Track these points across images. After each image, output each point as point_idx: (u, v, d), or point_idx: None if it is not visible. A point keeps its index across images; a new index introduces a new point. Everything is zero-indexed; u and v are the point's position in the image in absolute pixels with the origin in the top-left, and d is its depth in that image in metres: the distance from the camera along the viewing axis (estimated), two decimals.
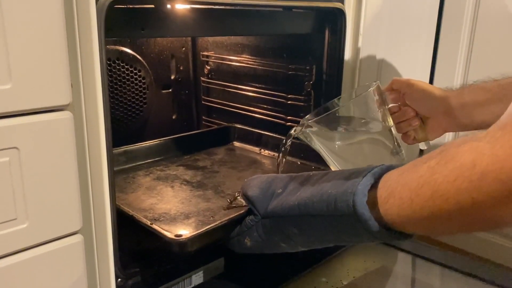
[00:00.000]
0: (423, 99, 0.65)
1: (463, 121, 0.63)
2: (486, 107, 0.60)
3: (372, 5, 0.82)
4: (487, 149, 0.32)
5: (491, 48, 0.94)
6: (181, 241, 0.54)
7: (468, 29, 0.97)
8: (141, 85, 0.96)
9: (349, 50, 0.81)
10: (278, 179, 0.55)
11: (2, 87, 0.40)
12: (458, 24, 0.99)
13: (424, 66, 1.02)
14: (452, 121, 0.64)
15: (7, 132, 0.41)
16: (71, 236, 0.47)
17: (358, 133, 0.62)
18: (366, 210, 0.41)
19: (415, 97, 0.65)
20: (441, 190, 0.35)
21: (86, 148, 0.48)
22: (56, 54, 0.42)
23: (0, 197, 0.41)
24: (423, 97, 0.65)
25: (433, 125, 0.66)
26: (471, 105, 0.62)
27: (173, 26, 0.58)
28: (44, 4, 0.41)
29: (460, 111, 0.63)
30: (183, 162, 0.88)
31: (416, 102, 0.65)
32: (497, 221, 0.33)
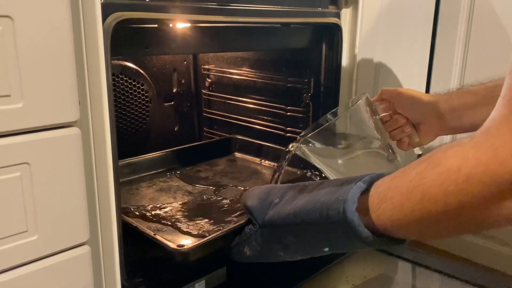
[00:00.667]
0: (412, 106, 0.67)
1: (453, 124, 0.65)
2: (475, 110, 0.62)
3: (367, 19, 0.84)
4: (471, 154, 0.34)
5: (485, 57, 0.96)
6: (183, 251, 0.56)
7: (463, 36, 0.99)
8: (144, 99, 0.99)
9: (346, 61, 0.84)
10: (275, 189, 0.57)
11: (14, 106, 0.42)
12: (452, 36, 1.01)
13: (420, 73, 1.04)
14: (443, 124, 0.66)
15: (19, 148, 0.43)
16: (78, 247, 0.49)
17: (354, 148, 0.64)
18: (356, 216, 0.43)
19: (404, 104, 0.68)
20: (430, 193, 0.37)
21: (93, 162, 0.50)
22: (65, 74, 0.45)
23: (12, 210, 0.43)
24: (412, 104, 0.67)
25: (425, 129, 0.68)
26: (460, 109, 0.64)
27: (175, 44, 0.60)
28: (54, 26, 0.43)
29: (450, 115, 0.65)
30: (185, 173, 0.89)
31: (406, 109, 0.68)
32: (483, 222, 0.35)
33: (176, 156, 0.93)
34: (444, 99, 0.66)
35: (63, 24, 0.44)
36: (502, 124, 0.33)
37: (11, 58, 0.41)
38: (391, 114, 0.69)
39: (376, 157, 0.64)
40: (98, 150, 0.49)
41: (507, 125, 0.32)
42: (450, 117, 0.65)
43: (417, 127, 0.69)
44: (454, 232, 0.39)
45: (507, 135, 0.32)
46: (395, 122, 0.68)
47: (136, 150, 0.90)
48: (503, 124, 0.33)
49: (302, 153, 0.62)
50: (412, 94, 0.68)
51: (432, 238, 0.40)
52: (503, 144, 0.32)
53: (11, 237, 0.43)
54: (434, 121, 0.66)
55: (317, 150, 0.61)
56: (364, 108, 0.64)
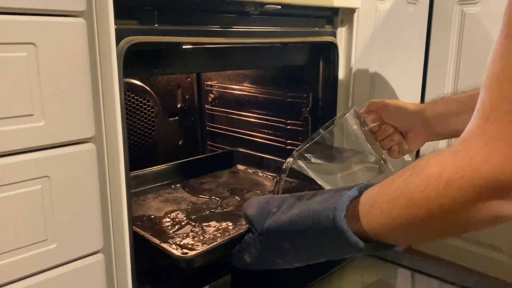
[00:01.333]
0: (399, 115, 0.71)
1: (439, 130, 0.69)
2: (458, 117, 0.66)
3: (362, 36, 0.88)
4: (450, 161, 0.38)
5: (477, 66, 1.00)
6: (188, 258, 0.59)
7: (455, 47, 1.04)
8: (150, 114, 1.03)
9: (342, 75, 0.88)
10: (274, 199, 0.60)
11: (37, 124, 0.46)
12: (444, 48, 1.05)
13: (415, 85, 1.08)
14: (430, 131, 0.69)
15: (40, 163, 0.46)
16: (93, 255, 0.52)
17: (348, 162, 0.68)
18: (344, 223, 0.46)
19: (392, 114, 0.71)
20: (414, 198, 0.40)
21: (106, 175, 0.53)
22: (82, 95, 0.49)
23: (33, 220, 0.47)
24: (399, 113, 0.71)
25: (413, 137, 0.71)
26: (445, 115, 0.67)
27: (182, 64, 0.65)
28: (72, 51, 0.47)
29: (436, 121, 0.68)
30: (189, 185, 0.93)
31: (394, 119, 0.71)
32: (464, 224, 0.39)
33: (180, 169, 0.96)
34: (430, 107, 0.69)
35: (81, 49, 0.48)
36: (476, 134, 0.36)
37: (34, 81, 0.45)
38: (379, 125, 0.73)
39: (371, 172, 0.67)
40: (111, 163, 0.53)
41: (480, 136, 0.36)
42: (436, 124, 0.68)
43: (405, 135, 0.72)
44: (439, 235, 0.43)
45: (480, 144, 0.35)
46: (383, 131, 0.72)
47: (143, 163, 0.94)
48: (477, 134, 0.36)
49: (298, 167, 0.65)
50: (398, 104, 0.72)
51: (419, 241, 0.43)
52: (477, 152, 0.35)
53: (32, 245, 0.47)
54: (421, 128, 0.70)
55: (313, 164, 0.65)
56: (352, 121, 0.67)
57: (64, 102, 0.47)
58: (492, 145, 0.35)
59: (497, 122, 0.35)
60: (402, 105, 0.72)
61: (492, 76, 0.36)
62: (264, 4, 0.66)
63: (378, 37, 0.93)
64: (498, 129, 0.34)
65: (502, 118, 0.34)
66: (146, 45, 0.55)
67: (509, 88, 0.34)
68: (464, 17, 1.01)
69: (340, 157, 0.67)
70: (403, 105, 0.71)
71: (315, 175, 0.65)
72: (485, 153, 0.35)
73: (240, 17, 0.66)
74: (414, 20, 1.03)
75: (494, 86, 0.35)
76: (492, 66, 0.36)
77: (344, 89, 0.89)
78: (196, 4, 0.58)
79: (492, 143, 0.35)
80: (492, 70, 0.36)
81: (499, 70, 0.35)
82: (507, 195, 0.35)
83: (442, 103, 0.69)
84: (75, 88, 0.48)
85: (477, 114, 0.37)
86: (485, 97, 0.36)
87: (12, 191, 0.45)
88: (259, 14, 0.67)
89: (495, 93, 0.35)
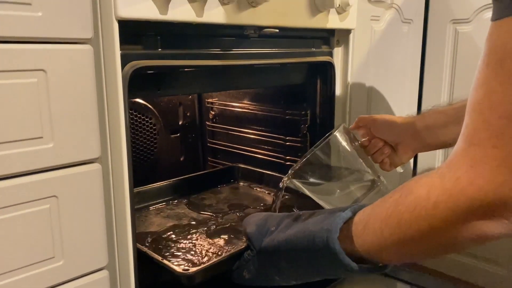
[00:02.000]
0: (388, 129, 0.73)
1: (428, 141, 0.71)
2: (446, 129, 0.68)
3: (358, 55, 0.91)
4: (438, 183, 0.40)
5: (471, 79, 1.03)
6: (189, 275, 0.60)
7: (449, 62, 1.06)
8: (152, 131, 1.05)
9: (339, 93, 0.90)
10: (272, 217, 0.62)
11: (46, 146, 0.48)
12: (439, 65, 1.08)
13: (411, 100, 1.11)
14: (419, 142, 0.72)
15: (48, 183, 0.49)
16: (98, 271, 0.54)
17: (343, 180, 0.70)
18: (337, 244, 0.48)
19: (381, 128, 0.74)
20: (404, 219, 0.42)
21: (111, 193, 0.55)
22: (89, 117, 0.51)
23: (42, 239, 0.48)
24: (387, 127, 0.73)
25: (403, 149, 0.74)
26: (433, 127, 0.70)
27: (184, 86, 0.67)
28: (80, 76, 0.49)
29: (424, 133, 0.71)
30: (190, 201, 0.94)
31: (383, 133, 0.74)
32: (453, 244, 0.40)
33: (182, 185, 0.98)
34: (418, 119, 0.72)
35: (88, 74, 0.50)
36: (462, 157, 0.38)
37: (44, 105, 0.47)
38: (369, 139, 0.75)
39: (366, 189, 0.69)
40: (116, 182, 0.55)
41: (465, 158, 0.38)
42: (424, 136, 0.70)
43: (396, 148, 0.74)
44: (429, 253, 0.45)
45: (465, 167, 0.37)
46: (373, 146, 0.74)
47: (145, 179, 0.95)
48: (462, 157, 0.38)
49: (294, 186, 0.67)
50: (386, 118, 0.74)
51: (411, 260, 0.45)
52: (462, 174, 0.37)
53: (40, 263, 0.49)
54: (410, 140, 0.72)
55: (309, 183, 0.67)
56: (342, 137, 0.70)
57: (72, 124, 0.49)
58: (476, 168, 0.36)
59: (480, 146, 0.37)
60: (390, 119, 0.74)
61: (474, 103, 0.38)
62: (263, 28, 0.68)
63: (374, 56, 0.96)
64: (481, 153, 0.36)
65: (484, 142, 0.36)
66: (150, 69, 0.58)
67: (490, 114, 0.36)
68: (457, 35, 1.04)
69: (335, 176, 0.69)
70: (391, 119, 0.74)
71: (312, 194, 0.67)
72: (470, 175, 0.37)
73: (239, 40, 0.68)
74: (409, 38, 1.06)
75: (477, 112, 0.37)
76: (475, 93, 0.38)
77: (341, 106, 0.91)
78: (197, 29, 0.61)
79: (476, 166, 0.36)
80: (475, 97, 0.38)
81: (481, 97, 0.37)
82: (492, 215, 0.37)
83: (430, 115, 0.71)
84: (83, 111, 0.50)
85: (462, 137, 0.39)
86: (468, 122, 0.38)
87: (22, 210, 0.47)
88: (258, 37, 0.69)
89: (477, 118, 0.37)
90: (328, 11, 0.77)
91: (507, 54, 0.35)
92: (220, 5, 0.60)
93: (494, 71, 0.36)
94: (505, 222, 0.37)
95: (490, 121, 0.36)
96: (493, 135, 0.36)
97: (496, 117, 0.36)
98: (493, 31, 0.37)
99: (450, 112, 0.68)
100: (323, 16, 0.76)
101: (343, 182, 0.69)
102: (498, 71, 0.36)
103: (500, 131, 0.35)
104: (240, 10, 0.63)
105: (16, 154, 0.45)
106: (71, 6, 0.47)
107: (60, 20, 0.47)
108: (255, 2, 0.63)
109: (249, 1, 0.63)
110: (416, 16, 1.06)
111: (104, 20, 0.51)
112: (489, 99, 0.36)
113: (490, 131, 0.36)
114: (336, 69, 0.87)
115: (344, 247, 0.49)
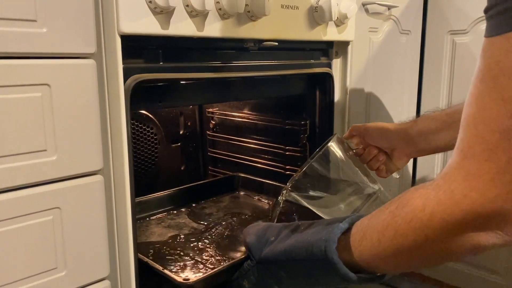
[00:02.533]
0: (382, 136, 0.75)
1: (421, 146, 0.72)
2: (438, 134, 0.69)
3: (357, 65, 0.93)
4: (433, 195, 0.40)
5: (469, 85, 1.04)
6: (189, 284, 0.61)
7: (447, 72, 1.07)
8: (153, 141, 1.06)
9: (338, 103, 0.91)
10: (272, 227, 0.62)
11: (49, 159, 0.49)
12: (437, 73, 1.09)
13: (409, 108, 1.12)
14: (413, 147, 0.73)
15: (52, 195, 0.49)
16: (100, 281, 0.55)
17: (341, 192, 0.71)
18: (335, 255, 0.49)
19: (374, 136, 0.75)
20: (401, 229, 0.43)
21: (113, 204, 0.56)
22: (91, 131, 0.52)
23: (45, 249, 0.49)
24: (381, 134, 0.75)
25: (397, 155, 0.75)
26: (425, 133, 0.71)
27: (185, 98, 0.68)
28: (83, 91, 0.51)
29: (418, 139, 0.72)
30: (191, 211, 0.95)
31: (377, 140, 0.75)
32: (448, 254, 0.41)
33: (182, 194, 0.98)
34: (410, 125, 0.73)
35: (91, 87, 0.51)
36: (456, 170, 0.39)
37: (48, 119, 0.48)
38: (363, 148, 0.76)
39: (364, 199, 0.70)
40: (118, 193, 0.56)
41: (460, 171, 0.39)
42: (418, 141, 0.72)
43: (390, 154, 0.75)
44: (425, 263, 0.45)
45: (459, 180, 0.38)
46: (368, 153, 0.75)
47: (146, 189, 0.96)
48: (457, 170, 0.39)
49: (293, 199, 0.68)
50: (379, 126, 0.76)
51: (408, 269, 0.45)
52: (456, 187, 0.38)
53: (43, 273, 0.49)
54: (404, 146, 0.73)
55: (307, 195, 0.68)
56: (337, 147, 0.71)
57: (75, 137, 0.51)
58: (470, 181, 0.37)
59: (474, 160, 0.37)
60: (383, 126, 0.75)
61: (469, 117, 0.39)
62: (262, 41, 0.70)
63: (372, 66, 0.97)
64: (475, 167, 0.37)
65: (478, 156, 0.37)
66: (152, 82, 0.59)
67: (484, 129, 0.37)
68: (455, 46, 1.06)
69: (333, 186, 0.70)
70: (384, 126, 0.75)
71: (311, 206, 0.68)
72: (464, 188, 0.38)
73: (239, 52, 0.70)
74: (407, 49, 1.07)
75: (471, 127, 0.38)
76: (469, 107, 0.39)
77: (340, 116, 0.92)
78: (198, 42, 0.62)
79: (470, 179, 0.37)
80: (469, 111, 0.39)
81: (475, 112, 0.38)
82: (486, 227, 0.38)
83: (422, 121, 0.72)
84: (86, 124, 0.51)
85: (457, 151, 0.40)
86: (463, 136, 0.39)
87: (26, 222, 0.48)
88: (257, 50, 0.71)
89: (472, 133, 0.38)
90: (327, 23, 0.78)
91: (500, 71, 0.36)
92: (221, 19, 0.61)
93: (488, 87, 0.37)
94: (499, 233, 0.38)
95: (484, 135, 0.37)
96: (486, 149, 0.37)
97: (489, 132, 0.37)
98: (486, 47, 0.38)
99: (442, 118, 0.70)
100: (322, 28, 0.77)
101: (341, 192, 0.70)
102: (492, 87, 0.37)
103: (493, 145, 0.36)
104: (240, 24, 0.64)
105: (20, 167, 0.46)
106: (75, 22, 0.49)
107: (64, 36, 0.48)
108: (254, 16, 0.64)
109: (249, 15, 0.64)
110: (414, 27, 1.08)
111: (107, 35, 0.52)
112: (483, 114, 0.37)
113: (483, 145, 0.37)
114: (335, 80, 0.88)
115: (343, 257, 0.49)
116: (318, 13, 0.75)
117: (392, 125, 0.75)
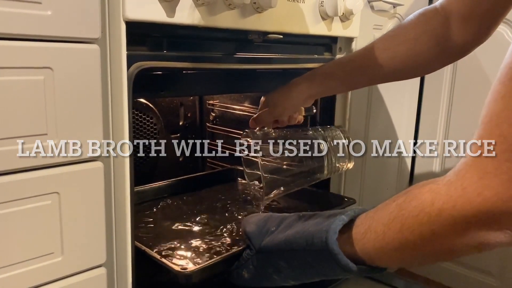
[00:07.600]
0: (285, 110, 0.80)
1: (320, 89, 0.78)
2: (335, 91, 0.82)
3: None
4: (443, 191, 0.40)
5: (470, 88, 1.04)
6: (187, 274, 0.60)
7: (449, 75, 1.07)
8: (153, 131, 1.06)
9: (339, 100, 0.91)
10: (273, 218, 0.62)
11: (50, 143, 0.48)
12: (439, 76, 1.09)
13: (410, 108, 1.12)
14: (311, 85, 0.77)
15: (51, 179, 0.49)
16: (96, 268, 0.54)
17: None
18: (336, 245, 0.49)
19: (282, 113, 0.80)
20: (407, 223, 0.42)
21: (112, 191, 0.55)
22: (93, 115, 0.51)
23: (42, 234, 0.49)
24: (284, 109, 0.80)
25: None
26: (324, 92, 0.79)
27: (187, 88, 0.68)
28: (86, 75, 0.50)
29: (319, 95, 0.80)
30: (189, 201, 0.94)
31: (285, 114, 0.81)
32: (454, 250, 0.41)
33: (180, 185, 0.99)
34: (308, 85, 0.78)
35: (94, 73, 0.51)
36: (471, 167, 0.39)
37: (49, 102, 0.48)
38: (276, 125, 0.83)
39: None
40: (117, 181, 0.56)
41: (474, 169, 0.38)
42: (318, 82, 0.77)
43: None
44: (430, 259, 0.45)
45: (475, 178, 0.38)
46: (284, 122, 0.83)
47: (144, 179, 0.96)
48: (472, 168, 0.38)
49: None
50: (273, 102, 0.81)
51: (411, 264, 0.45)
52: (470, 184, 0.38)
53: (40, 258, 0.49)
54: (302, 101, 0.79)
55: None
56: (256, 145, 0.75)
57: (76, 122, 0.50)
58: (486, 179, 0.37)
59: (493, 159, 0.37)
60: (277, 99, 0.80)
61: (492, 114, 0.38)
62: (267, 34, 0.69)
63: None
64: (493, 166, 0.37)
65: (498, 155, 0.36)
66: (155, 70, 0.59)
67: (508, 129, 0.36)
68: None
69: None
70: (277, 98, 0.80)
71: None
72: (478, 186, 0.37)
73: (243, 44, 0.69)
74: None
75: (493, 125, 0.37)
76: (493, 105, 0.38)
77: (341, 112, 0.92)
78: (202, 32, 0.61)
79: (486, 178, 0.37)
80: (493, 109, 0.38)
81: (499, 110, 0.37)
82: (496, 226, 0.38)
83: (322, 80, 0.77)
84: (87, 109, 0.51)
85: (473, 147, 0.39)
86: (482, 133, 0.38)
87: (24, 205, 0.47)
88: (261, 42, 0.70)
89: (493, 131, 0.37)
90: (332, 19, 0.78)
91: None
92: (226, 9, 0.61)
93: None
94: (507, 233, 0.38)
95: (507, 135, 0.36)
96: (508, 150, 0.36)
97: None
98: None
99: (339, 74, 0.76)
100: (327, 23, 0.77)
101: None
102: None
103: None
104: (246, 15, 0.63)
105: (22, 151, 0.46)
106: (80, 6, 0.48)
107: (68, 20, 0.47)
108: (260, 8, 0.64)
109: (255, 6, 0.64)
110: None
111: (112, 21, 0.52)
112: (508, 114, 0.36)
113: (505, 146, 0.36)
114: None
115: (344, 249, 0.49)
116: (324, 7, 0.74)
117: (282, 91, 0.79)
